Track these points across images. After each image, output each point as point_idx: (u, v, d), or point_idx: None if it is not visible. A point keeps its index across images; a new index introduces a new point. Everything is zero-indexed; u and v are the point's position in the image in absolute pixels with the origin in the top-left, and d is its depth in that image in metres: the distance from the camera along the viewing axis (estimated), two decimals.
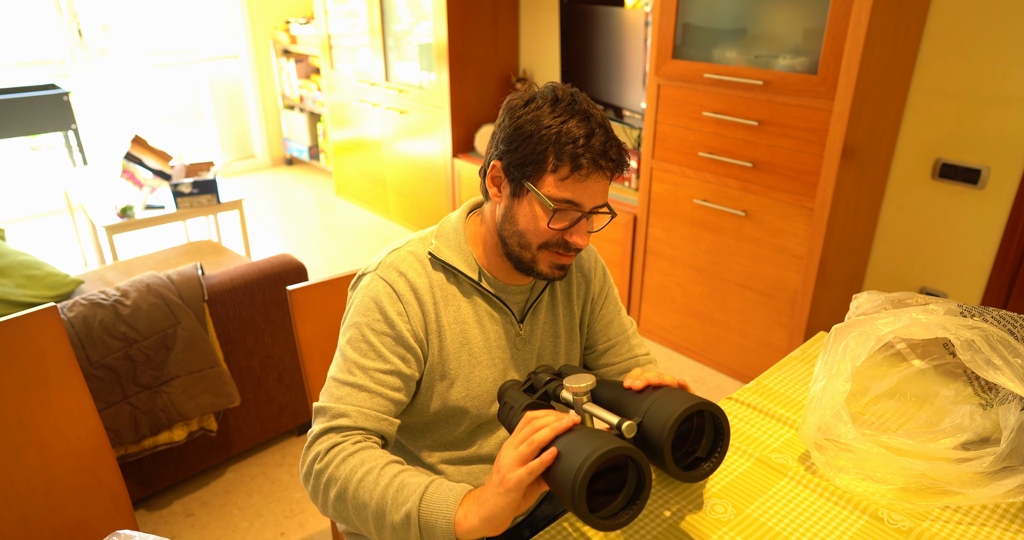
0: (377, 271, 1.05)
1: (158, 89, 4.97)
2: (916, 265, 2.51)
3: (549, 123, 0.95)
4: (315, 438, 0.97)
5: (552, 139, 0.94)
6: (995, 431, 1.10)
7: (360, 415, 0.98)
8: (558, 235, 0.99)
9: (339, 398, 0.99)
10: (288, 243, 4.04)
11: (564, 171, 0.95)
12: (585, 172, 0.95)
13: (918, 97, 2.34)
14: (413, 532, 0.86)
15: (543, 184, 0.96)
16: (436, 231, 1.09)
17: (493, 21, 3.59)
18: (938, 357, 1.23)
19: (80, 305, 1.76)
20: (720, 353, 2.73)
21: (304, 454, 0.97)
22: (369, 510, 0.89)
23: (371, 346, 1.00)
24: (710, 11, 2.37)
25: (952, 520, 0.99)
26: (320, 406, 0.99)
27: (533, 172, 0.96)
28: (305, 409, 2.29)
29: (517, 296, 1.11)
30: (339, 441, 0.95)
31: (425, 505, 0.85)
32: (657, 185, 2.72)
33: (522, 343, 1.12)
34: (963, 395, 1.18)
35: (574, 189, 0.96)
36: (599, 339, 1.22)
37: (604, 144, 0.95)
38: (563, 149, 0.94)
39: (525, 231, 1.00)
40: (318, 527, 1.98)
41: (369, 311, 1.02)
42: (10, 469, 1.16)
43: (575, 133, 0.94)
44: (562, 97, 0.97)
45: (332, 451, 0.94)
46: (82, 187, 3.15)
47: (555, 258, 1.02)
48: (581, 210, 0.98)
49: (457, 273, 1.06)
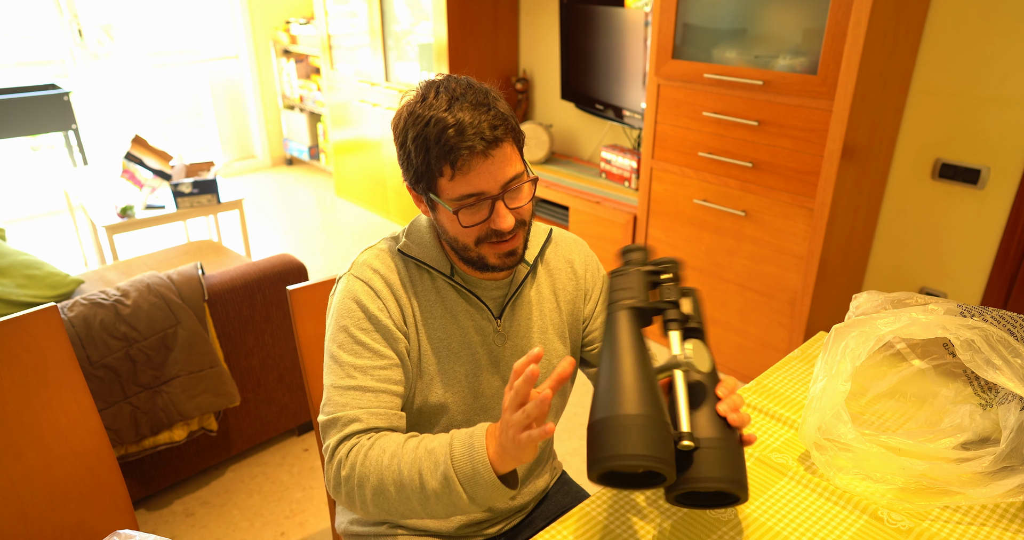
0: (351, 272, 1.05)
1: (158, 89, 4.97)
2: (916, 265, 2.51)
3: (417, 133, 0.93)
4: (332, 451, 0.96)
5: (425, 148, 0.93)
6: (995, 431, 1.10)
7: (371, 416, 0.97)
8: (483, 227, 0.97)
9: (344, 405, 0.98)
10: (288, 243, 4.04)
11: (448, 171, 0.93)
12: (465, 163, 0.92)
13: (918, 97, 2.34)
14: (456, 490, 0.86)
15: (441, 190, 0.96)
16: (406, 230, 1.09)
17: (493, 21, 3.59)
18: (938, 357, 1.23)
19: (80, 305, 1.76)
20: (720, 353, 2.73)
21: (327, 470, 0.97)
22: (410, 490, 0.89)
23: (364, 345, 1.00)
24: (710, 11, 2.37)
25: (952, 520, 0.99)
26: (328, 419, 0.98)
27: (428, 183, 0.96)
28: (305, 409, 2.30)
29: (493, 292, 1.09)
30: (355, 442, 0.95)
31: (457, 460, 0.86)
32: (657, 185, 2.72)
33: (500, 339, 1.10)
34: (963, 395, 1.18)
35: (466, 182, 0.93)
36: (599, 336, 1.20)
37: (472, 125, 0.91)
38: (439, 153, 0.92)
39: (455, 236, 0.99)
40: (318, 527, 1.98)
41: (352, 312, 1.01)
42: (10, 469, 1.16)
43: (441, 132, 0.91)
44: (425, 95, 0.95)
45: (351, 454, 0.94)
46: (82, 187, 3.15)
47: (496, 248, 0.99)
48: (489, 195, 0.95)
49: (429, 269, 1.05)
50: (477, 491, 0.86)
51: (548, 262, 1.15)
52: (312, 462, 2.23)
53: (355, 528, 1.19)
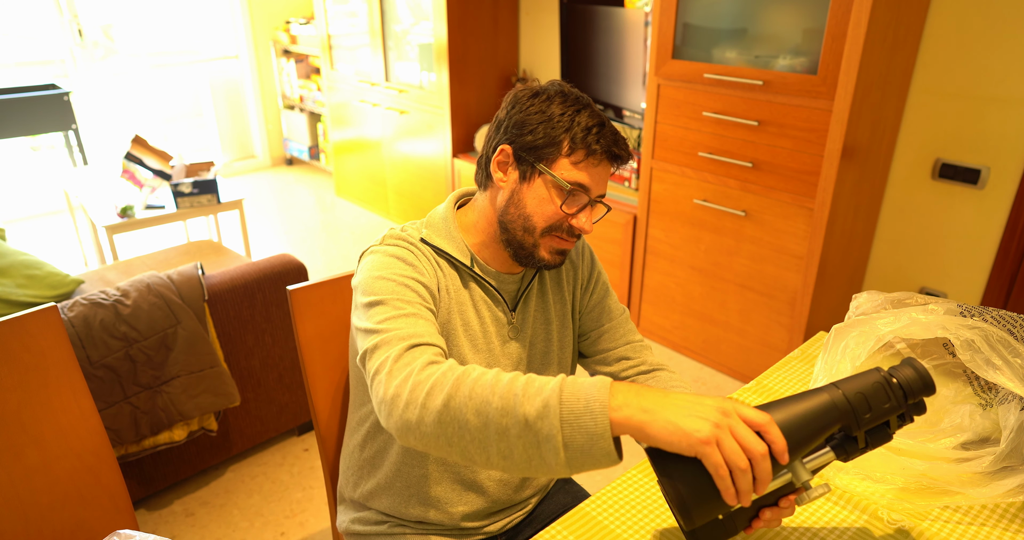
0: (384, 243, 1.03)
1: (158, 89, 4.97)
2: (916, 265, 2.51)
3: (563, 111, 0.99)
4: (394, 361, 0.82)
5: (566, 125, 0.99)
6: (995, 431, 1.10)
7: (430, 336, 0.88)
8: (563, 219, 1.01)
9: (398, 329, 0.87)
10: (288, 243, 4.04)
11: (579, 155, 0.99)
12: (598, 158, 1.00)
13: (918, 97, 2.34)
14: (551, 421, 0.70)
15: (557, 167, 1.00)
16: (425, 221, 1.09)
17: (493, 21, 3.59)
18: (938, 357, 1.23)
19: (80, 305, 1.76)
20: (720, 353, 2.73)
21: (386, 381, 0.81)
22: (492, 408, 0.73)
23: (407, 287, 0.95)
24: (710, 11, 2.37)
25: (952, 520, 0.99)
26: (380, 339, 0.86)
27: (547, 155, 1.00)
28: (305, 409, 2.30)
29: (509, 285, 1.11)
30: (432, 359, 0.82)
31: (568, 391, 0.72)
32: (657, 185, 2.72)
33: (514, 332, 1.12)
34: (963, 395, 1.18)
35: (586, 173, 1.00)
36: (592, 325, 1.22)
37: (614, 135, 1.01)
38: (577, 135, 0.98)
39: (532, 214, 1.01)
40: (318, 527, 1.98)
41: (392, 265, 0.97)
42: (10, 469, 1.16)
43: (588, 122, 0.99)
44: (569, 93, 1.02)
45: (430, 368, 0.80)
46: (82, 187, 3.15)
47: (557, 243, 1.03)
48: (589, 195, 1.01)
49: (450, 258, 1.06)
50: (575, 436, 0.70)
51: None
52: (312, 462, 2.24)
53: (356, 527, 1.19)
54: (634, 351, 1.21)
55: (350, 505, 1.22)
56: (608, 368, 1.21)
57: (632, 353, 1.21)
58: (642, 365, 1.20)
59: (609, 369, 1.20)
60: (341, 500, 1.26)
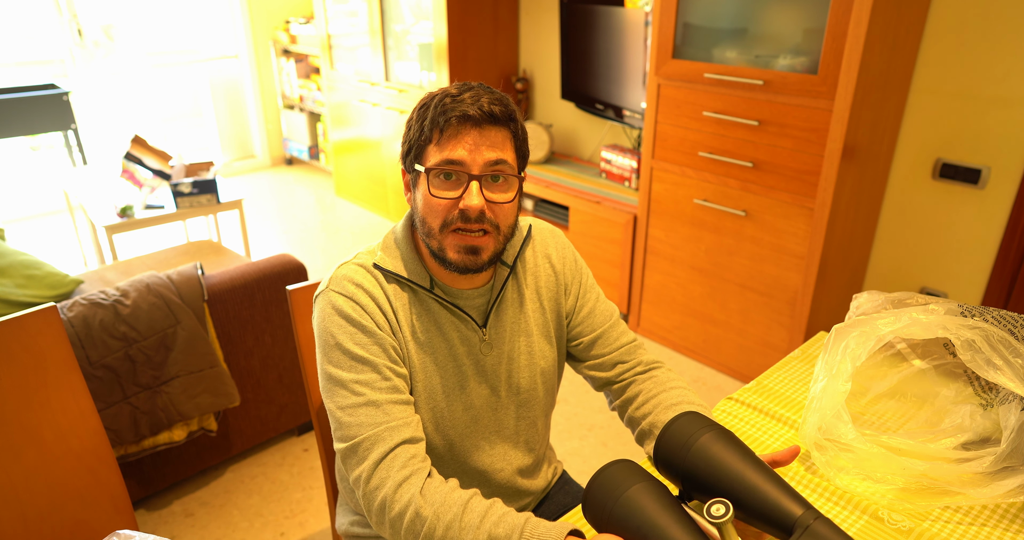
0: (330, 288, 0.99)
1: (158, 89, 4.97)
2: (916, 265, 2.51)
3: (422, 104, 0.96)
4: (367, 480, 0.91)
5: (423, 117, 0.95)
6: (995, 431, 1.10)
7: (391, 432, 0.93)
8: (452, 208, 0.94)
9: (359, 425, 0.93)
10: (288, 243, 4.04)
11: (436, 135, 0.94)
12: (455, 130, 0.92)
13: (918, 97, 2.34)
14: None
15: (427, 158, 0.96)
16: (381, 243, 1.06)
17: (493, 21, 3.59)
18: (938, 357, 1.23)
19: (80, 305, 1.76)
20: (720, 353, 2.73)
21: (366, 503, 0.91)
22: None
23: (362, 360, 0.96)
24: (710, 11, 2.37)
25: (952, 520, 0.99)
26: (347, 447, 0.93)
27: (418, 154, 0.97)
28: (305, 409, 2.29)
29: (475, 300, 1.06)
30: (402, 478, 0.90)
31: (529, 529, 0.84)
32: (657, 185, 2.72)
33: (487, 348, 1.07)
34: (963, 395, 1.18)
35: (450, 147, 0.93)
36: (583, 330, 1.16)
37: (475, 97, 0.92)
38: (433, 117, 0.94)
39: (425, 215, 0.97)
40: (318, 527, 1.98)
41: (342, 327, 0.97)
42: (10, 469, 1.16)
43: (442, 99, 0.93)
44: (451, 87, 0.97)
45: (401, 501, 0.88)
46: (82, 187, 3.15)
47: (459, 239, 0.95)
48: (467, 171, 0.93)
49: (408, 282, 1.02)
50: None
51: (527, 261, 1.12)
52: (312, 462, 2.23)
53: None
54: (629, 354, 1.16)
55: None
56: (605, 373, 1.16)
57: (627, 356, 1.16)
58: (638, 366, 1.16)
59: (606, 374, 1.15)
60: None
